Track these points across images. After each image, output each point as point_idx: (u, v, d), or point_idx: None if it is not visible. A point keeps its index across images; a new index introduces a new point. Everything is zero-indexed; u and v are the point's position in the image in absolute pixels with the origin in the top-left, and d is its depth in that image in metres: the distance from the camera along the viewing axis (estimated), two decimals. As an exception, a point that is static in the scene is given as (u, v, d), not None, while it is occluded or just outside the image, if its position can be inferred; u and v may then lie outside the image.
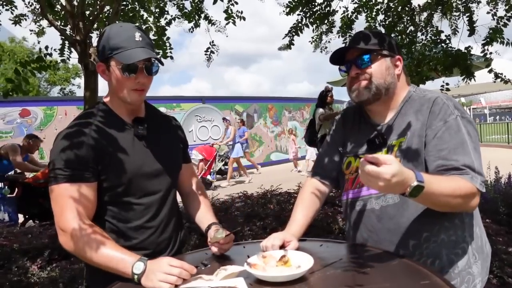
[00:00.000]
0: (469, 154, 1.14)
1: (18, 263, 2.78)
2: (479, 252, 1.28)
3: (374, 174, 0.94)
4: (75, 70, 23.48)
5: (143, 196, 1.32)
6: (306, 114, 16.81)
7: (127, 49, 1.22)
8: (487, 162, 4.47)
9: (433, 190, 1.03)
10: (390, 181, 0.94)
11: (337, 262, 1.13)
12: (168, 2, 4.09)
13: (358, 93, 1.29)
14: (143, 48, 1.24)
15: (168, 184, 1.40)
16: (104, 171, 1.25)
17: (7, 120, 9.48)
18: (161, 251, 1.36)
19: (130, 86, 1.26)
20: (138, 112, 1.38)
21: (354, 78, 1.30)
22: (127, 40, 1.23)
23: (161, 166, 1.36)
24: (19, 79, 2.15)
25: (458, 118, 1.19)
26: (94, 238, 1.15)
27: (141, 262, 1.11)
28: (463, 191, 1.09)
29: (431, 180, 1.03)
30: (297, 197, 1.50)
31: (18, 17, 4.08)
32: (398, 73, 1.31)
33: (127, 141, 1.31)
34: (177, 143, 1.49)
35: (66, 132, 1.25)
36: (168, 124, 1.50)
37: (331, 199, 3.66)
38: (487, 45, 3.58)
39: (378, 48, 1.28)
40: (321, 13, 3.95)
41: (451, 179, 1.11)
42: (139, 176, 1.30)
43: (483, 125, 22.07)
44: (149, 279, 1.08)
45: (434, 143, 1.18)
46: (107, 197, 1.28)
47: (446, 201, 1.08)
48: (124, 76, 1.24)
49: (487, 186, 4.24)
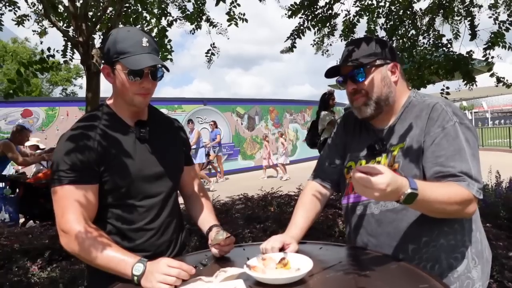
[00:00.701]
0: (467, 161, 1.14)
1: (18, 263, 2.79)
2: (479, 257, 1.28)
3: (369, 185, 0.95)
4: (77, 70, 23.51)
5: (144, 198, 1.33)
6: (307, 116, 16.81)
7: (134, 55, 1.22)
8: (488, 167, 4.47)
9: (427, 197, 1.03)
10: (385, 191, 0.95)
11: (336, 265, 1.13)
12: (170, 4, 4.11)
13: (360, 111, 1.30)
14: (150, 54, 1.24)
15: (169, 187, 1.40)
16: (105, 174, 1.26)
17: (9, 120, 9.50)
18: (162, 252, 1.37)
19: (135, 90, 1.27)
20: (141, 115, 1.38)
21: (352, 93, 1.30)
22: (134, 45, 1.23)
23: (162, 169, 1.37)
24: (21, 80, 2.16)
25: (456, 125, 1.18)
26: (95, 239, 1.16)
27: (140, 263, 1.12)
28: (459, 198, 1.09)
29: (425, 187, 1.03)
30: (298, 199, 1.50)
31: (21, 18, 4.10)
32: (395, 79, 1.29)
33: (129, 144, 1.31)
34: (179, 146, 1.50)
35: (69, 134, 1.26)
36: (170, 126, 1.50)
37: (332, 202, 3.66)
38: (488, 49, 3.59)
39: (371, 60, 1.26)
40: (323, 16, 3.96)
41: (447, 185, 1.11)
42: (140, 178, 1.31)
43: (484, 129, 22.04)
44: (148, 280, 1.09)
45: (432, 150, 1.18)
46: (108, 199, 1.29)
47: (441, 208, 1.09)
48: (130, 80, 1.25)
49: (488, 190, 4.23)
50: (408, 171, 1.21)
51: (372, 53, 1.27)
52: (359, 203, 1.33)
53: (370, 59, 1.26)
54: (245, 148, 14.50)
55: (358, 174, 0.97)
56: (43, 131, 9.86)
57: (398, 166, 1.24)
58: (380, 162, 1.28)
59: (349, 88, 1.30)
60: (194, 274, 1.10)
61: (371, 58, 1.26)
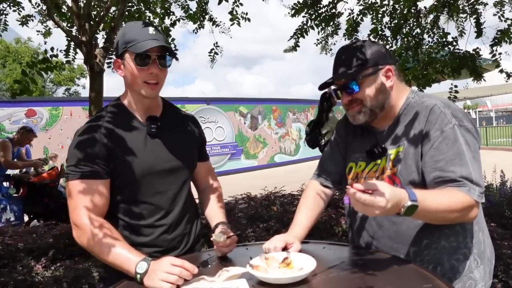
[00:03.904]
0: (467, 164, 1.12)
1: (22, 262, 2.80)
2: (481, 257, 1.27)
3: (369, 203, 0.95)
4: (80, 70, 23.58)
5: (155, 194, 1.34)
6: (310, 116, 16.79)
7: (140, 41, 1.25)
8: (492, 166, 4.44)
9: (428, 207, 1.02)
10: (385, 208, 0.95)
11: (339, 264, 1.13)
12: (173, 3, 4.12)
13: (354, 118, 1.29)
14: (156, 40, 1.26)
15: (181, 182, 1.41)
16: (115, 169, 1.28)
17: (13, 120, 9.56)
18: (174, 248, 1.38)
19: (143, 78, 1.28)
20: (154, 110, 1.39)
21: (347, 104, 1.29)
22: (141, 33, 1.26)
23: (174, 164, 1.38)
24: (27, 80, 2.17)
25: (455, 127, 1.15)
26: (104, 235, 1.18)
27: (144, 262, 1.13)
28: (460, 206, 1.08)
29: (425, 197, 1.02)
30: (300, 199, 1.50)
31: (25, 18, 4.11)
32: (391, 84, 1.26)
33: (139, 140, 1.32)
34: (192, 141, 1.50)
35: (82, 130, 1.29)
36: (185, 123, 1.50)
37: (335, 201, 3.65)
38: (495, 45, 3.55)
39: (363, 70, 1.23)
40: (327, 15, 3.95)
41: (447, 193, 1.10)
42: (151, 174, 1.32)
43: (489, 128, 21.92)
44: (150, 278, 1.09)
45: (431, 154, 1.16)
46: (119, 195, 1.31)
47: (442, 217, 1.08)
48: (137, 67, 1.27)
49: (492, 190, 4.21)
50: (407, 175, 1.20)
51: (363, 61, 1.24)
52: None
53: (362, 69, 1.23)
54: (248, 148, 14.51)
55: (358, 194, 0.95)
56: (47, 131, 9.90)
57: (396, 170, 1.23)
58: (380, 164, 1.27)
59: (344, 100, 1.28)
60: (197, 274, 1.09)
61: (363, 67, 1.24)
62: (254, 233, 3.24)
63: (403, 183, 1.21)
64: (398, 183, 1.22)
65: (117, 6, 3.37)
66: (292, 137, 16.17)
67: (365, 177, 1.32)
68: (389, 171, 1.24)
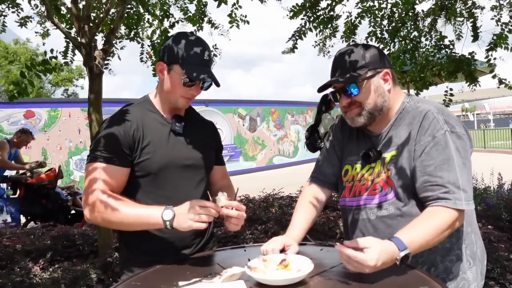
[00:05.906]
0: (455, 170, 1.14)
1: (20, 263, 2.80)
2: (473, 258, 1.29)
3: (359, 261, 0.98)
4: (79, 71, 23.52)
5: (170, 188, 1.38)
6: (309, 118, 16.81)
7: (195, 65, 1.32)
8: (490, 168, 4.46)
9: (419, 244, 1.07)
10: (375, 266, 0.98)
11: (337, 266, 1.14)
12: (172, 6, 4.13)
13: (352, 120, 1.30)
14: (208, 68, 1.35)
15: (196, 181, 1.45)
16: (137, 159, 1.33)
17: (11, 121, 9.53)
18: (187, 246, 1.40)
19: (182, 94, 1.37)
20: (179, 111, 1.46)
21: (346, 106, 1.30)
22: (198, 56, 1.33)
23: (191, 162, 1.42)
24: (25, 82, 2.17)
25: (446, 134, 1.17)
26: (119, 203, 1.23)
27: (168, 209, 1.19)
28: (446, 225, 1.11)
29: (413, 238, 1.06)
30: (297, 201, 1.51)
31: (24, 19, 4.11)
32: (389, 87, 1.28)
33: (164, 135, 1.39)
34: (211, 145, 1.55)
35: (109, 120, 1.36)
36: (206, 127, 1.58)
37: (333, 203, 3.66)
38: (491, 50, 3.58)
39: (362, 73, 1.25)
40: (325, 17, 3.97)
41: (431, 217, 1.12)
42: (169, 168, 1.36)
43: (486, 130, 21.99)
44: (182, 221, 1.16)
45: (421, 159, 1.19)
46: (137, 185, 1.35)
47: (437, 241, 1.12)
48: (182, 85, 1.34)
49: (489, 193, 4.23)
50: (400, 180, 1.22)
51: (362, 64, 1.25)
52: (356, 207, 1.34)
53: (361, 72, 1.25)
54: (246, 150, 14.51)
55: (346, 254, 0.99)
56: (45, 132, 9.88)
57: (390, 174, 1.24)
58: (375, 168, 1.29)
59: (343, 103, 1.30)
60: (195, 276, 1.10)
61: (362, 70, 1.25)
62: (252, 235, 3.25)
63: (397, 186, 1.23)
64: (392, 186, 1.24)
65: (117, 8, 3.38)
66: (291, 139, 16.17)
67: (360, 180, 1.33)
68: (384, 174, 1.26)
